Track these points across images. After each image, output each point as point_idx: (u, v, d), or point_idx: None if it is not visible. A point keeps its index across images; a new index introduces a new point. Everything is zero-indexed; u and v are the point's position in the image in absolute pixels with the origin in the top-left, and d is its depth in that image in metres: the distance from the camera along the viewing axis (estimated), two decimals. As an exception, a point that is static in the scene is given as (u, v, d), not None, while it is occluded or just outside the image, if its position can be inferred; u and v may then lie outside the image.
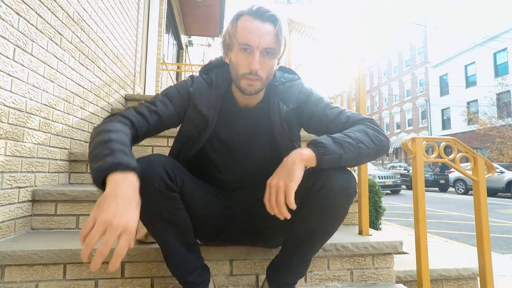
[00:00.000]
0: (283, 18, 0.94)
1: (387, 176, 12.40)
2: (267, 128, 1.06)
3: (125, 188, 0.68)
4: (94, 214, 0.65)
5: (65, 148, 1.71)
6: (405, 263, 1.68)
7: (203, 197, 1.03)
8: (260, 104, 1.07)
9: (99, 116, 2.23)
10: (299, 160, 0.84)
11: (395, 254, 1.63)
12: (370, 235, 1.41)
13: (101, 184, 0.71)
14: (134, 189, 0.71)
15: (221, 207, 1.08)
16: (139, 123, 0.93)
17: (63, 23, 1.63)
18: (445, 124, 23.50)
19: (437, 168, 15.88)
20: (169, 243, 0.96)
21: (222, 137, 1.07)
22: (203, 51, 12.36)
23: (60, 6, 1.59)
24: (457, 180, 12.92)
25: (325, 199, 0.89)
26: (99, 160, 0.73)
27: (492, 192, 11.54)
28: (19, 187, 1.31)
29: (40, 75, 1.43)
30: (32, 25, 1.36)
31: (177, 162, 0.98)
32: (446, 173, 14.35)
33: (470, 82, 21.38)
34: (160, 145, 2.10)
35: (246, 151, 1.08)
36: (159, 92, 1.06)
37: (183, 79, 7.77)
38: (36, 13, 1.38)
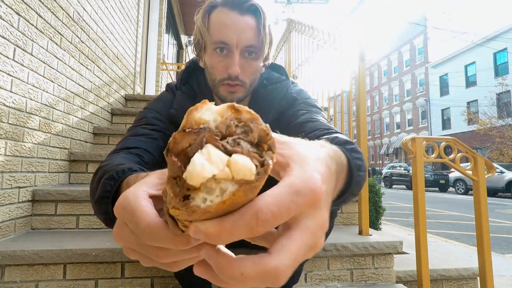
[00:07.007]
0: (267, 10, 0.75)
1: None
2: None
3: None
4: None
5: (65, 148, 1.71)
6: (405, 263, 1.68)
7: None
8: None
9: (99, 116, 2.23)
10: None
11: (395, 254, 1.63)
12: (370, 235, 1.41)
13: None
14: None
15: None
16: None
17: (63, 23, 1.63)
18: (445, 124, 23.49)
19: (432, 166, 15.85)
20: None
21: None
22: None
23: (60, 6, 1.59)
24: (457, 180, 12.93)
25: None
26: None
27: (492, 192, 11.54)
28: (19, 187, 1.31)
29: (40, 75, 1.43)
30: (32, 25, 1.36)
31: None
32: (446, 174, 14.36)
33: (470, 82, 21.38)
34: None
35: None
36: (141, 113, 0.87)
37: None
38: (36, 13, 1.38)
